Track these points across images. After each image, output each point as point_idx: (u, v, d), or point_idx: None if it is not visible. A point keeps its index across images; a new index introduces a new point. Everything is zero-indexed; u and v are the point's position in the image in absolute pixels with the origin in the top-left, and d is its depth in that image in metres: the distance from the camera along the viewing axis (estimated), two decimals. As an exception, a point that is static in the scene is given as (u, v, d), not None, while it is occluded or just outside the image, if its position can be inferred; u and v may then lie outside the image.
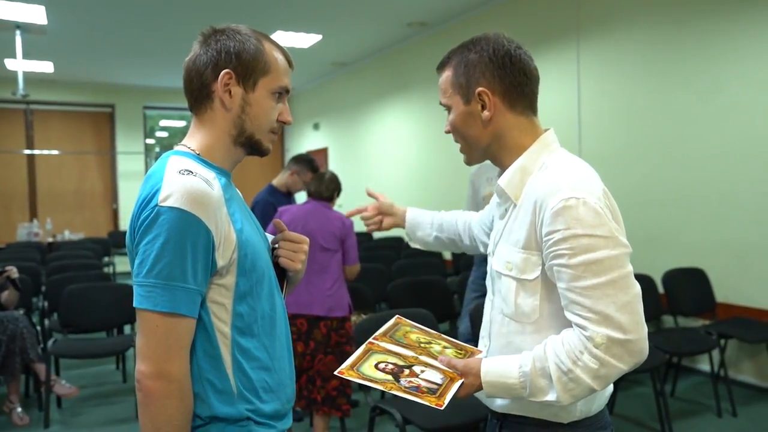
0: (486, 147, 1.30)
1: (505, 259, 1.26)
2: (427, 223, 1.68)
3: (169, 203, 1.03)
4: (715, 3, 4.18)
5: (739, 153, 4.06)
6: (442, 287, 4.30)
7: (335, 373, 1.19)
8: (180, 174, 1.07)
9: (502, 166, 1.31)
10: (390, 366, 1.21)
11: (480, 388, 1.21)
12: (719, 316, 4.13)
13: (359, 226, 4.65)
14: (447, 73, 1.30)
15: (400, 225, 1.70)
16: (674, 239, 4.48)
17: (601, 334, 1.09)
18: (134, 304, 1.06)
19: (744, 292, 4.10)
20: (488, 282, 1.38)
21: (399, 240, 7.39)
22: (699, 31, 4.28)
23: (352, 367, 1.19)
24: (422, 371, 1.21)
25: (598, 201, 1.14)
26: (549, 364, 1.14)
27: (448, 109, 1.32)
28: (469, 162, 1.37)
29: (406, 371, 1.21)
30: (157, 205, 1.04)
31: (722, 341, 3.78)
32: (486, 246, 1.56)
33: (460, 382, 1.21)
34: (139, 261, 1.06)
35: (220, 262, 1.09)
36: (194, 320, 1.08)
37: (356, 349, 1.25)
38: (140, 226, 1.06)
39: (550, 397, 1.14)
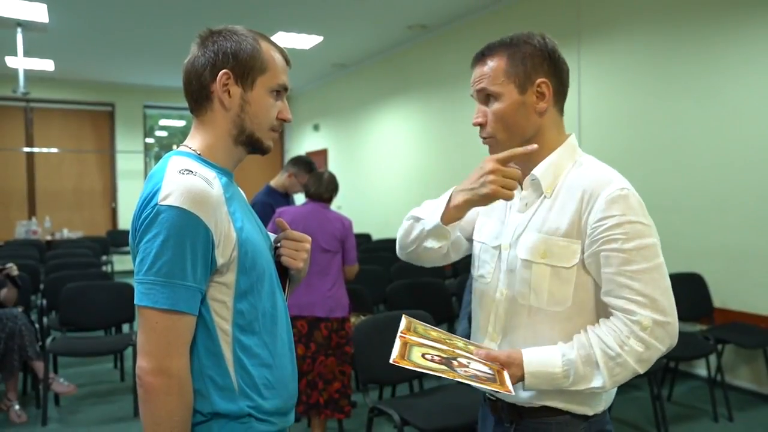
0: (527, 140, 1.31)
1: (537, 247, 1.27)
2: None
3: (168, 202, 1.05)
4: (715, 8, 4.20)
5: (737, 158, 4.08)
6: (440, 289, 4.31)
7: (390, 361, 1.14)
8: (180, 173, 1.08)
9: (529, 161, 1.32)
10: (436, 357, 1.20)
11: (521, 379, 1.22)
12: (716, 321, 4.14)
13: (358, 227, 4.62)
14: (498, 61, 1.29)
15: None
16: (672, 244, 4.49)
17: (648, 317, 1.16)
18: (135, 302, 1.07)
19: (741, 298, 4.11)
20: (496, 275, 1.35)
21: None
22: (699, 37, 4.30)
23: (402, 356, 1.17)
24: (468, 362, 1.21)
25: (638, 196, 1.24)
26: (595, 351, 1.18)
27: (492, 97, 1.30)
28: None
29: (455, 362, 1.20)
30: (157, 204, 1.06)
31: (719, 346, 3.79)
32: (460, 248, 1.51)
33: (505, 373, 1.21)
34: (140, 259, 1.07)
35: (220, 260, 1.11)
36: (194, 317, 1.09)
37: (357, 348, 1.24)
38: (141, 224, 1.08)
39: (596, 383, 1.18)
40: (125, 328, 4.75)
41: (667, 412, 3.54)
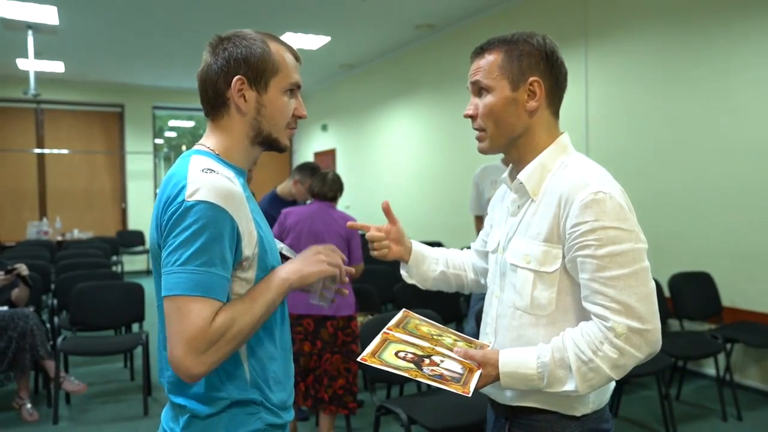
0: (516, 137, 1.31)
1: (522, 252, 1.28)
2: (432, 258, 1.59)
3: (196, 197, 1.06)
4: (723, 8, 4.18)
5: (745, 157, 4.06)
6: (448, 289, 4.29)
7: (357, 360, 1.20)
8: (203, 172, 1.10)
9: (519, 162, 1.34)
10: (410, 355, 1.23)
11: (497, 378, 1.23)
12: (725, 320, 4.12)
13: (366, 226, 4.57)
14: (495, 56, 1.31)
15: (405, 258, 1.55)
16: (680, 243, 4.47)
17: (622, 324, 1.14)
18: (165, 293, 1.06)
19: (750, 297, 4.09)
20: (494, 279, 1.40)
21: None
22: (706, 36, 4.28)
23: (373, 354, 1.20)
24: (441, 361, 1.23)
25: (621, 197, 1.20)
26: (568, 355, 1.17)
27: (485, 90, 1.31)
28: (487, 150, 1.35)
29: (426, 360, 1.22)
30: (184, 200, 1.06)
31: (728, 345, 3.78)
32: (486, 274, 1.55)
33: (479, 372, 1.22)
34: (170, 251, 1.07)
35: (246, 251, 1.12)
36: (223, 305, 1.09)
37: (364, 347, 1.26)
38: (168, 221, 1.08)
39: (568, 387, 1.18)
40: (135, 327, 4.78)
41: (675, 411, 3.53)
